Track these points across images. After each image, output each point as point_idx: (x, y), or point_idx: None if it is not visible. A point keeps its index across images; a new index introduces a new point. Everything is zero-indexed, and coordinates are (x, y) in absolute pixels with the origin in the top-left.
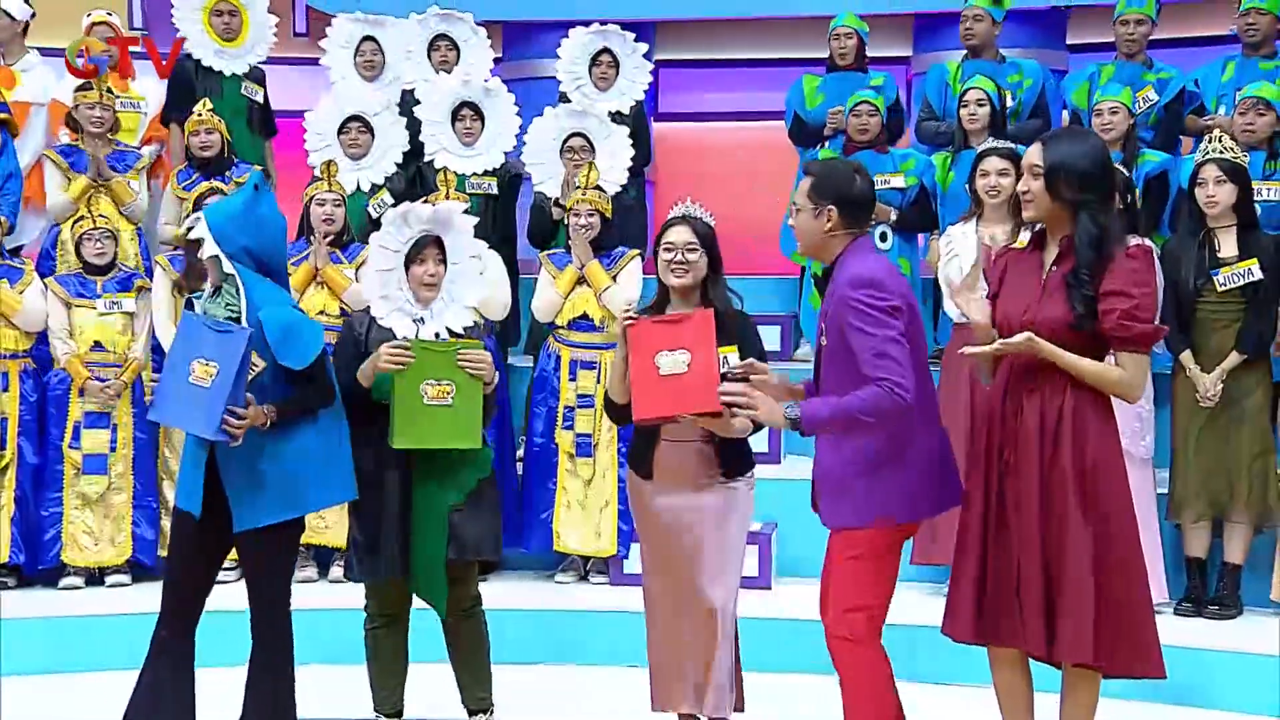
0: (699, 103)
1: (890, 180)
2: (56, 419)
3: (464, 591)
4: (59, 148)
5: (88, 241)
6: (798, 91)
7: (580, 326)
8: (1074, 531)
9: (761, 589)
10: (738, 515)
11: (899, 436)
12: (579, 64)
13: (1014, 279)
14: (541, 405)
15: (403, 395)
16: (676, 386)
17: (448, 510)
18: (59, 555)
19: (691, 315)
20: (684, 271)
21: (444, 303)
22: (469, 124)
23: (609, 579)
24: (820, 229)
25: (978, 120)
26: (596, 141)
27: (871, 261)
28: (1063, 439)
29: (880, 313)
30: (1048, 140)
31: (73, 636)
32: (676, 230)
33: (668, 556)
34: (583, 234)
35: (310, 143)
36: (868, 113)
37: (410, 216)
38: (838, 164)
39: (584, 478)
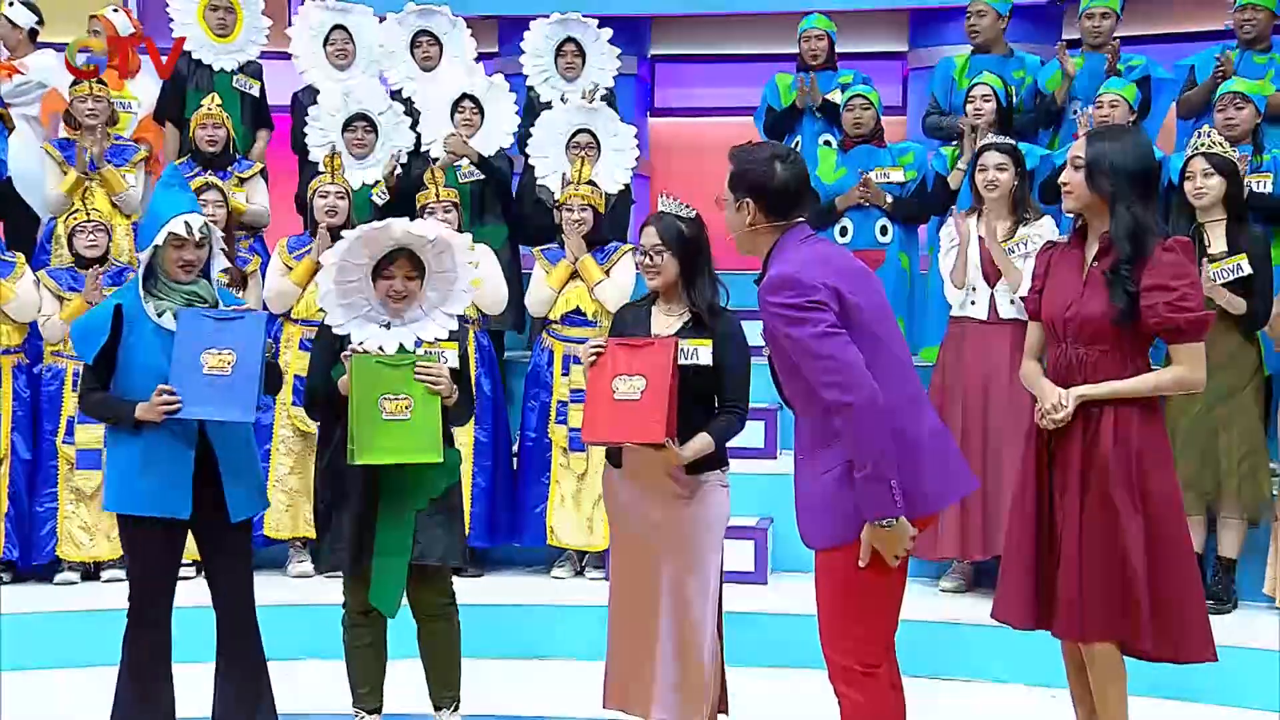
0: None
1: (890, 174)
2: (50, 414)
3: (435, 594)
4: (55, 141)
5: (80, 234)
6: (772, 87)
7: (573, 321)
8: (1123, 520)
9: (757, 584)
10: (706, 512)
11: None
12: (543, 55)
13: (1057, 274)
14: (535, 400)
15: (360, 411)
16: (627, 413)
17: (413, 513)
18: (54, 551)
19: (654, 342)
20: (654, 274)
21: (420, 313)
22: (469, 115)
23: (605, 574)
24: (743, 224)
25: (983, 115)
26: (603, 139)
27: (792, 256)
28: (1103, 428)
29: (801, 311)
30: (1093, 134)
31: (68, 632)
32: (646, 232)
33: (633, 549)
34: (576, 228)
35: (312, 138)
36: (861, 106)
37: (380, 234)
38: (757, 149)
39: (577, 472)
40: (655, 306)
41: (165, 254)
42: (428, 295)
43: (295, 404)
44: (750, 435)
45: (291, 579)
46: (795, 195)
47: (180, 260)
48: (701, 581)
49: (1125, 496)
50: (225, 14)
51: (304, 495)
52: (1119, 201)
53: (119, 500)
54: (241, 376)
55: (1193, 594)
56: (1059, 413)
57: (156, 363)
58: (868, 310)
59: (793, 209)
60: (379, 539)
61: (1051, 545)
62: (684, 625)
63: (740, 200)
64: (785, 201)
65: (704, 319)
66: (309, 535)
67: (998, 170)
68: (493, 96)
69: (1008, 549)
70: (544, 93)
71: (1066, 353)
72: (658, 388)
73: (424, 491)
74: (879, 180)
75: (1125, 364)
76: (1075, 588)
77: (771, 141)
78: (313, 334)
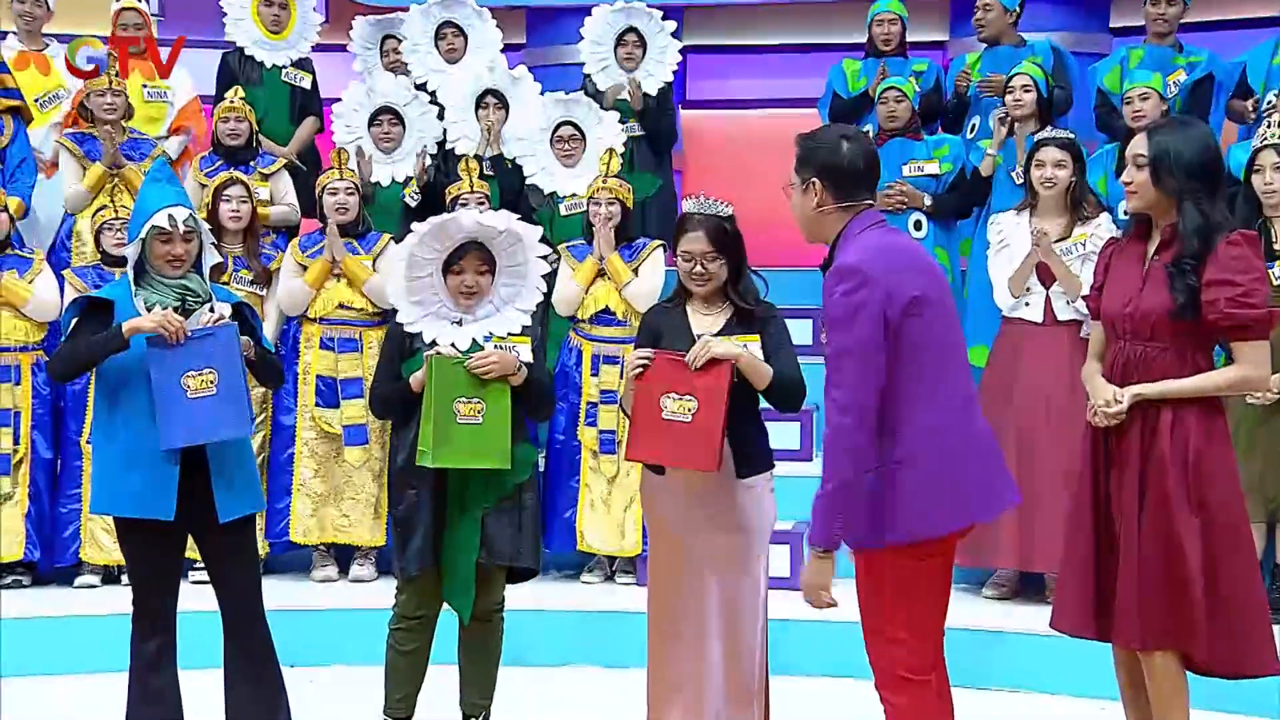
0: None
1: (925, 167)
2: (73, 412)
3: (489, 596)
4: (73, 135)
5: (108, 232)
6: (839, 74)
7: (602, 321)
8: (1179, 524)
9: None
10: (755, 518)
11: (916, 437)
12: (604, 44)
13: (1117, 269)
14: (563, 401)
15: (436, 413)
16: (678, 435)
17: (480, 512)
18: (77, 553)
19: (708, 369)
20: (704, 281)
21: (492, 308)
22: (492, 113)
23: (636, 579)
24: (810, 207)
25: (1024, 106)
26: (587, 129)
27: (858, 245)
28: (1161, 428)
29: (848, 313)
30: (1153, 130)
31: (87, 637)
32: (694, 239)
33: (676, 558)
34: (604, 224)
35: (338, 135)
36: (895, 99)
37: (450, 226)
38: (824, 130)
39: (607, 475)
40: (690, 307)
41: (152, 248)
42: (499, 290)
43: (319, 405)
44: (786, 437)
45: (317, 584)
46: (864, 176)
47: (168, 255)
48: (752, 589)
49: (1182, 499)
50: (279, 10)
51: (330, 500)
52: (1186, 198)
53: (102, 501)
54: (228, 393)
55: (1255, 603)
56: (1111, 408)
57: (144, 359)
58: (930, 305)
59: (861, 190)
60: (448, 538)
61: (1110, 550)
62: (735, 634)
63: (807, 181)
64: (853, 181)
65: (746, 314)
66: (335, 540)
67: (1056, 167)
68: (517, 91)
69: (1066, 555)
70: (601, 82)
71: (1125, 349)
72: (712, 412)
73: (494, 490)
74: (913, 174)
75: (1184, 362)
76: (1134, 593)
77: (839, 124)
78: (332, 333)
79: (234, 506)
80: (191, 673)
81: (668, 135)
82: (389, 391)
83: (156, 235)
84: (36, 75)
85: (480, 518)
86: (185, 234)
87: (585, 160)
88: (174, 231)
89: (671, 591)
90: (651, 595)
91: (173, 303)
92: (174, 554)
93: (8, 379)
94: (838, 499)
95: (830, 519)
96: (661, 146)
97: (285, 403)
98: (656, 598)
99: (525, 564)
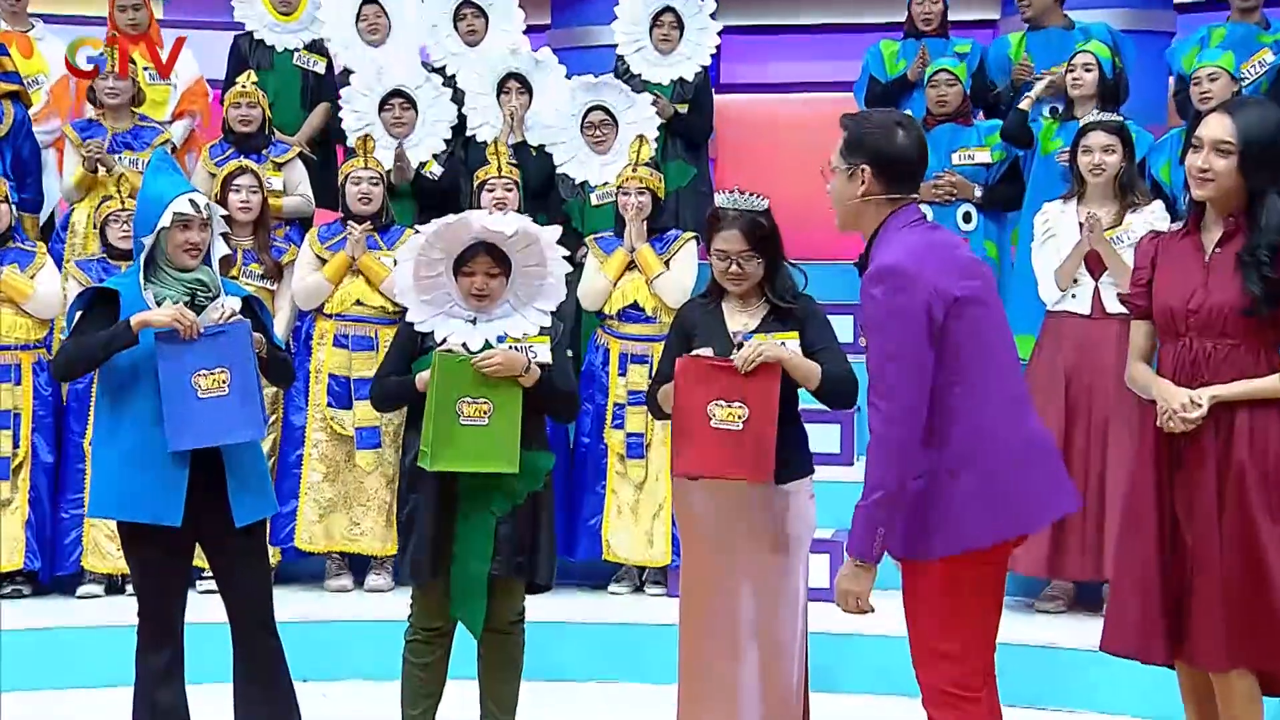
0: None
1: (975, 155)
2: (77, 414)
3: (508, 607)
4: (76, 123)
5: (114, 223)
6: (876, 56)
7: (630, 317)
8: (1262, 536)
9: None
10: (793, 525)
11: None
12: (639, 24)
13: (1169, 263)
14: (588, 403)
15: (438, 413)
16: (728, 445)
17: (493, 520)
18: (79, 561)
19: (757, 373)
20: (740, 280)
21: (508, 308)
22: (515, 98)
23: (666, 590)
24: (853, 194)
25: (1083, 85)
26: (618, 113)
27: (899, 243)
28: (1237, 433)
29: (892, 316)
30: (1233, 111)
31: (91, 649)
32: (729, 237)
33: (710, 566)
34: (635, 214)
35: (348, 121)
36: (946, 82)
37: (458, 228)
38: (877, 114)
39: (635, 481)
40: (726, 304)
41: (170, 237)
42: (516, 290)
43: (330, 405)
44: (825, 440)
45: (330, 594)
46: (915, 167)
47: (186, 243)
48: (790, 600)
49: (1264, 510)
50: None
51: (340, 505)
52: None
53: (103, 505)
54: (241, 393)
55: None
56: (1192, 413)
57: (152, 356)
58: (976, 305)
59: (908, 182)
60: (458, 548)
61: (1176, 566)
62: (771, 648)
63: (854, 167)
64: (904, 173)
65: (784, 310)
66: (345, 549)
67: (1104, 152)
68: (541, 75)
69: (1121, 571)
70: (635, 65)
71: (1190, 347)
72: (764, 419)
73: (505, 497)
74: (963, 163)
75: (1259, 360)
76: (1216, 611)
77: (891, 109)
78: (347, 330)
79: (250, 510)
80: (200, 687)
81: (703, 123)
82: (392, 386)
83: (178, 222)
84: (18, 58)
85: (493, 526)
86: (203, 222)
87: (617, 147)
88: (196, 216)
89: (705, 601)
90: (684, 606)
91: (183, 297)
92: (181, 561)
93: (8, 379)
94: (880, 511)
95: (869, 531)
96: (696, 135)
97: (296, 402)
98: (689, 608)
99: (539, 579)
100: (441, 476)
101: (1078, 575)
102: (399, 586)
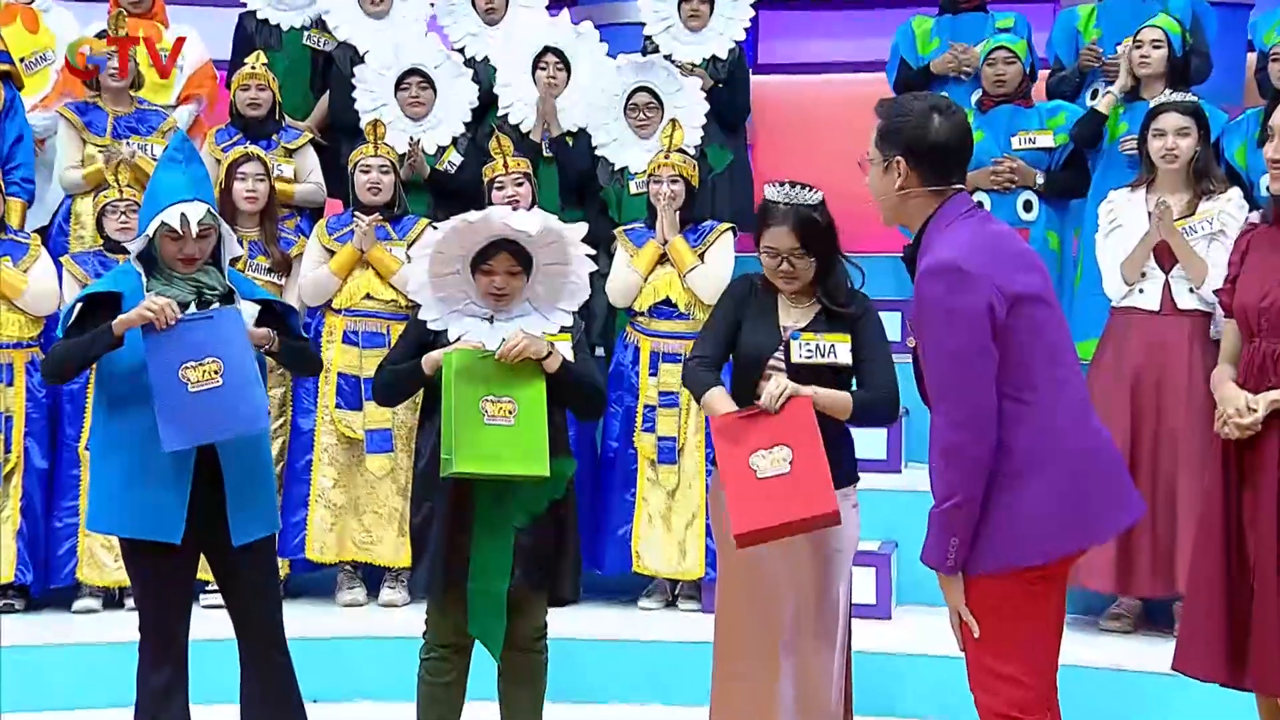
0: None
1: (1036, 139)
2: (71, 416)
3: (529, 624)
4: (74, 104)
5: (111, 214)
6: (907, 35)
7: (662, 313)
8: None
9: (879, 619)
10: (835, 535)
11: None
12: (667, 1)
13: (1254, 258)
14: (617, 404)
15: (458, 413)
16: (782, 490)
17: (512, 532)
18: (74, 573)
19: (785, 407)
20: (791, 279)
21: (529, 307)
22: (552, 73)
23: (700, 605)
24: (890, 188)
25: (1150, 64)
26: (665, 97)
27: (954, 238)
28: None
29: (952, 316)
30: None
31: (87, 667)
32: (779, 234)
33: (747, 579)
34: (668, 204)
35: (361, 100)
36: (1005, 60)
37: (478, 226)
38: (911, 100)
39: (667, 487)
40: (781, 296)
41: (161, 245)
42: (537, 289)
43: (340, 406)
44: (870, 445)
45: (341, 608)
46: (955, 155)
47: (179, 254)
48: (829, 616)
49: None
50: None
51: (351, 512)
52: None
53: (101, 519)
54: (236, 382)
55: None
56: (1246, 418)
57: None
58: (1036, 303)
59: (952, 171)
60: (475, 562)
61: (1244, 581)
62: (810, 668)
63: (890, 159)
64: (944, 161)
65: (836, 310)
66: (358, 559)
67: (1178, 135)
68: (582, 49)
69: (1193, 586)
70: (664, 44)
71: (1260, 349)
72: (810, 452)
73: (525, 506)
74: (1023, 147)
75: None
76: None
77: (928, 93)
78: (357, 326)
79: (249, 528)
80: (205, 708)
81: (740, 102)
82: (394, 374)
83: (166, 234)
84: (22, 32)
85: (512, 539)
86: (201, 232)
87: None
88: (186, 232)
89: (740, 615)
90: (719, 620)
91: (187, 299)
92: (185, 574)
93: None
94: (954, 518)
95: (943, 540)
96: (733, 114)
97: (304, 403)
98: (724, 623)
99: (563, 594)
100: (457, 483)
101: (1147, 592)
102: (416, 600)
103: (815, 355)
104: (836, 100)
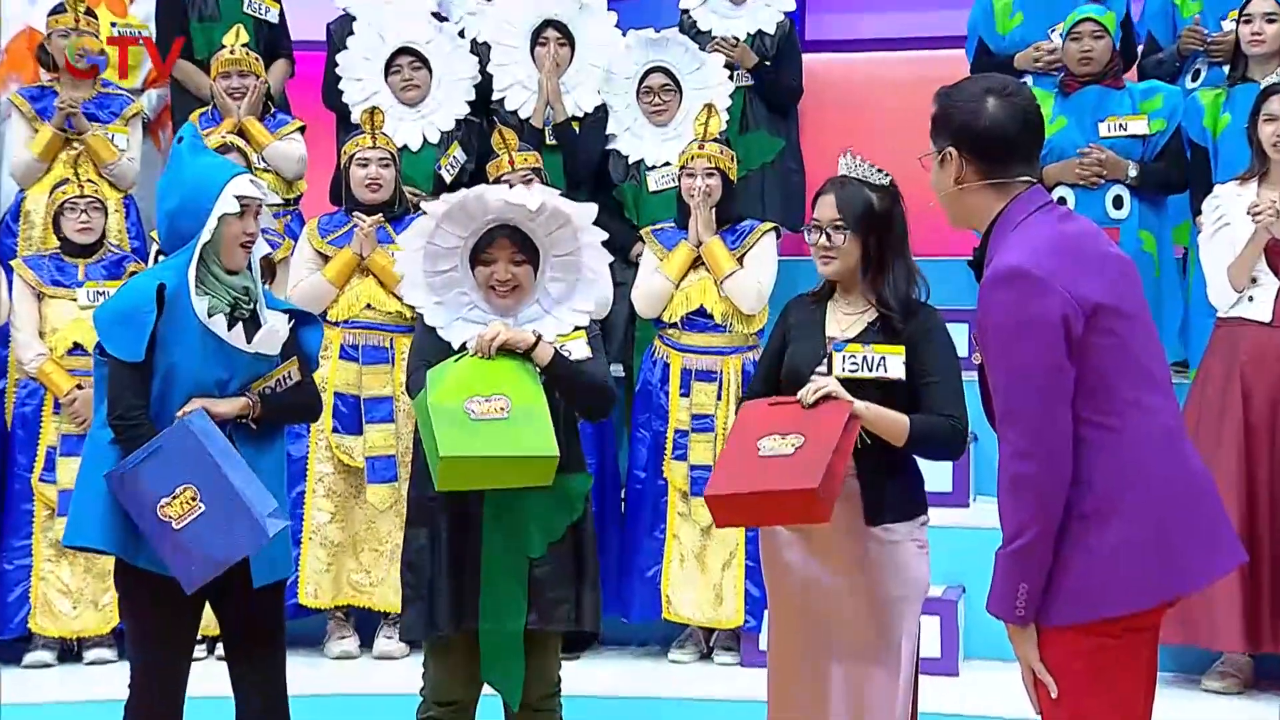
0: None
1: (1128, 125)
2: (24, 443)
3: (541, 674)
4: (25, 90)
5: (70, 213)
6: (984, 10)
7: (695, 325)
8: None
9: (945, 675)
10: (894, 580)
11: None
12: None
13: None
14: (645, 429)
15: (440, 418)
16: (773, 468)
17: (527, 564)
18: (25, 622)
19: (820, 405)
20: (829, 258)
21: (539, 309)
22: (554, 50)
23: (739, 658)
24: (947, 183)
25: (1263, 41)
26: (683, 78)
27: (1023, 238)
28: None
29: (1013, 326)
30: None
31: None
32: (824, 202)
33: (799, 627)
34: (703, 201)
35: (349, 91)
36: (1091, 34)
37: (472, 205)
38: (966, 84)
39: (701, 524)
40: (832, 303)
41: (226, 229)
42: (547, 286)
43: (336, 430)
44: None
45: (331, 660)
46: (1015, 142)
47: (244, 234)
48: (890, 672)
49: None
50: None
51: (348, 550)
52: None
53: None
54: (221, 504)
55: None
56: None
57: (199, 371)
58: (1120, 315)
59: (1013, 161)
60: (486, 598)
61: None
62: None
63: (943, 150)
64: (1001, 150)
65: (894, 320)
66: (354, 603)
67: None
68: (585, 22)
69: None
70: (703, 20)
71: None
72: (820, 443)
73: (539, 534)
74: (1113, 134)
75: None
76: None
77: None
78: (356, 339)
79: (270, 569)
80: None
81: (791, 81)
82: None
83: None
84: None
85: (526, 570)
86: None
87: (681, 118)
88: (258, 198)
89: (792, 673)
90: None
91: (225, 308)
92: (187, 617)
93: None
94: (1023, 561)
95: (1009, 586)
96: (783, 95)
97: (296, 427)
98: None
99: (584, 624)
100: (459, 508)
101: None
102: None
103: (861, 369)
104: (894, 82)
